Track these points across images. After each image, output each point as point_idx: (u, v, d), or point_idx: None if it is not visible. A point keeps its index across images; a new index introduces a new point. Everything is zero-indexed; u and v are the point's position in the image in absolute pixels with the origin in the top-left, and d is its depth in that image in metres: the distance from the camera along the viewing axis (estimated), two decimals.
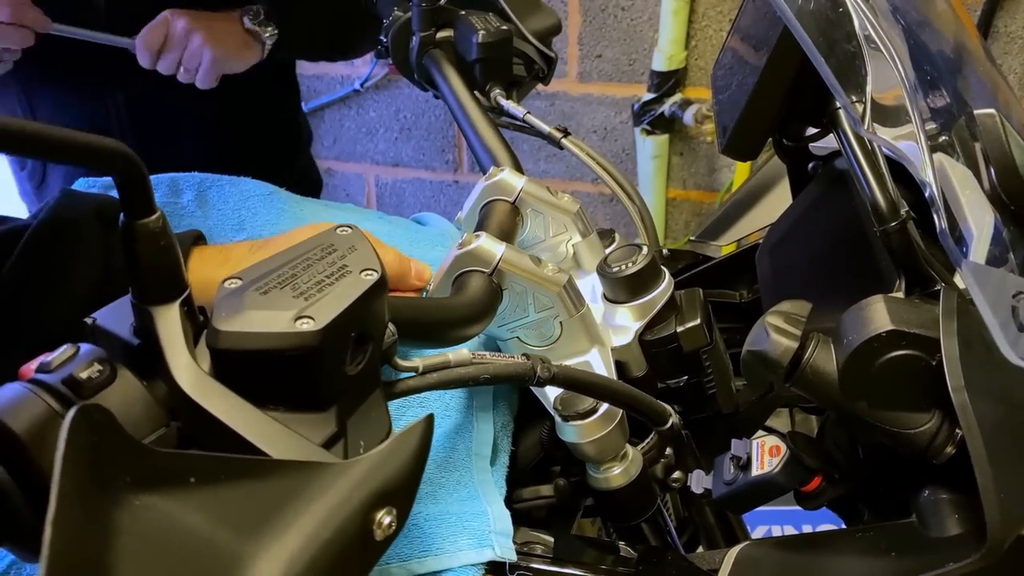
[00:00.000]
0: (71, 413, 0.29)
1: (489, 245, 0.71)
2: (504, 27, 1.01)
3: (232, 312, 0.44)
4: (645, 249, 0.80)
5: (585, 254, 0.86)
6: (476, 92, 1.00)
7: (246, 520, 0.33)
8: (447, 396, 0.81)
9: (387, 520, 0.37)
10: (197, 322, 0.45)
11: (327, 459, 0.41)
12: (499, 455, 0.80)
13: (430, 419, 0.40)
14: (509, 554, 0.68)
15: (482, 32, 0.99)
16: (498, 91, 1.01)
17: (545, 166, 2.32)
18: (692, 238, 1.09)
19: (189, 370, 0.42)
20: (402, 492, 0.38)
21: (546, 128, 0.99)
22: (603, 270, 0.80)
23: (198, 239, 0.81)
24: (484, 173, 0.84)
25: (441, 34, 1.03)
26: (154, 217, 0.41)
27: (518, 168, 0.86)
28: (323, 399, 0.45)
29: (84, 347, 0.43)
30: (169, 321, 0.42)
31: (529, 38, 1.05)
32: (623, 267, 0.79)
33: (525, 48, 1.05)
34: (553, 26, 1.10)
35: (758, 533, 1.69)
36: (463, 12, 1.03)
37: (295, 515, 0.34)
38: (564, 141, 0.98)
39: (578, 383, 0.67)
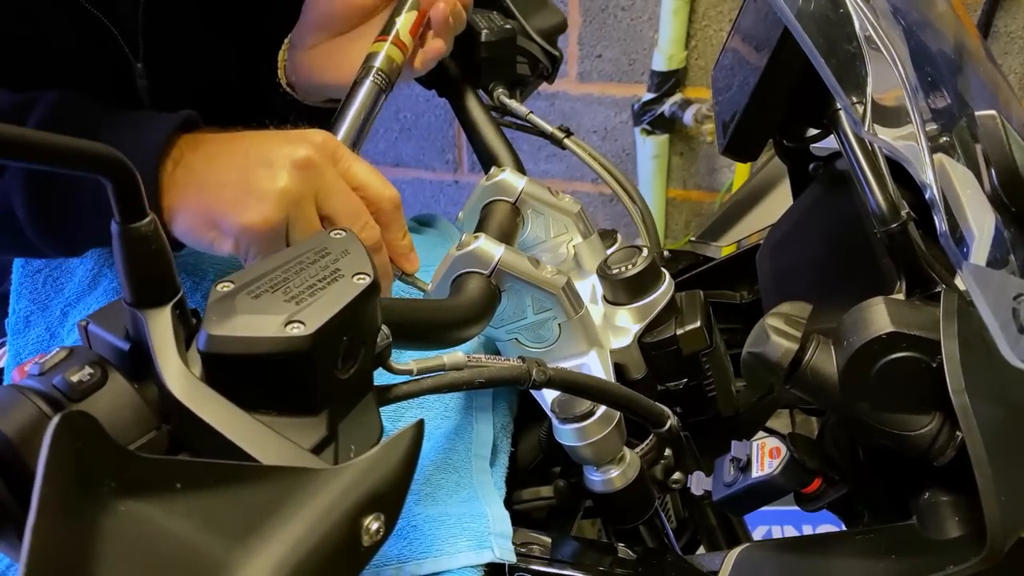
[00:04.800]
0: (54, 421, 0.29)
1: (488, 247, 0.71)
2: (508, 26, 1.00)
3: (223, 316, 0.44)
4: (645, 251, 0.79)
5: (586, 255, 0.86)
6: (479, 91, 1.00)
7: (232, 526, 0.33)
8: (446, 397, 0.81)
9: (375, 526, 0.37)
10: (190, 325, 0.45)
11: (315, 465, 0.41)
12: (499, 456, 0.80)
13: (420, 424, 0.40)
14: (509, 556, 0.68)
15: (485, 31, 0.98)
16: (501, 90, 1.01)
17: (545, 166, 2.32)
18: (692, 239, 1.09)
19: (179, 374, 0.42)
20: (391, 498, 0.38)
21: (549, 128, 0.99)
22: (603, 272, 0.80)
23: (189, 122, 0.72)
24: (486, 173, 0.84)
25: None
26: (146, 221, 0.41)
27: (520, 168, 0.86)
28: (314, 403, 0.45)
29: (77, 350, 0.43)
30: (160, 325, 0.42)
31: (534, 36, 1.04)
32: (623, 269, 0.78)
33: (529, 47, 1.04)
34: (558, 24, 1.09)
35: (758, 533, 1.68)
36: None
37: (282, 521, 0.34)
38: (567, 141, 0.98)
39: (574, 385, 0.67)
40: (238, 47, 0.99)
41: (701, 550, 0.97)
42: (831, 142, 0.84)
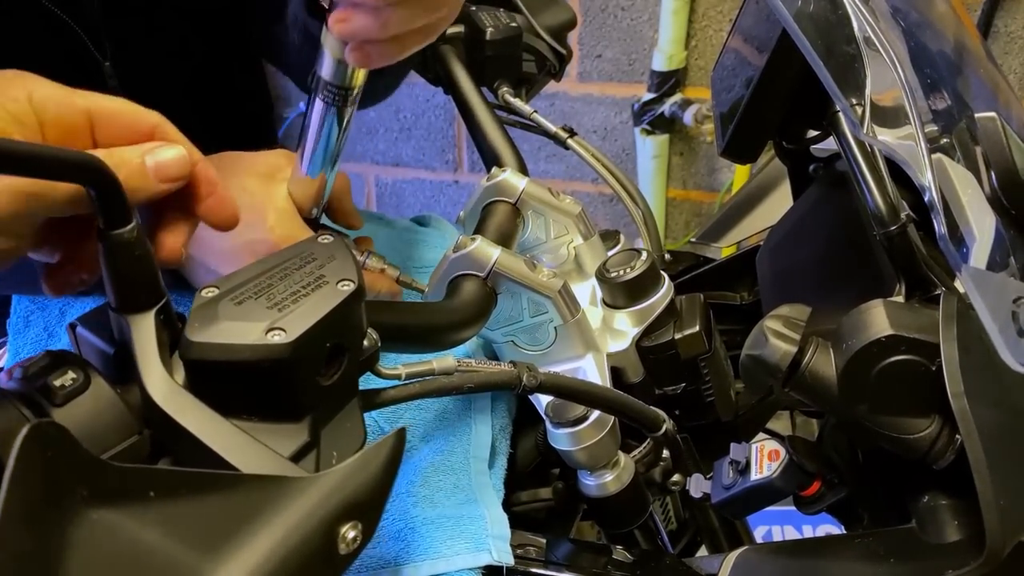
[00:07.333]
0: (22, 432, 0.29)
1: (484, 249, 0.70)
2: (513, 24, 0.99)
3: (205, 323, 0.44)
4: (645, 254, 0.79)
5: (586, 257, 0.85)
6: (484, 89, 0.99)
7: (206, 535, 0.33)
8: (445, 399, 0.81)
9: (352, 534, 0.37)
10: (175, 330, 0.45)
11: (293, 472, 0.41)
12: (497, 458, 0.80)
13: (401, 432, 0.40)
14: (506, 558, 0.68)
15: (490, 29, 0.97)
16: (506, 89, 1.00)
17: (546, 166, 2.32)
18: (693, 240, 1.08)
19: (161, 380, 0.42)
20: (369, 506, 0.38)
21: (552, 128, 0.98)
22: (601, 274, 0.79)
23: None
24: (488, 172, 0.83)
25: (451, 30, 1.02)
26: (129, 227, 0.41)
27: (523, 168, 0.85)
28: (296, 410, 0.45)
29: (61, 354, 0.43)
30: (144, 330, 0.42)
31: (541, 33, 1.04)
32: (622, 272, 0.78)
33: (536, 44, 1.03)
34: (568, 21, 1.08)
35: (758, 533, 1.68)
36: (473, 8, 1.01)
37: (256, 530, 0.34)
38: (570, 141, 0.97)
39: (566, 390, 0.66)
40: (204, 40, 0.98)
41: (702, 551, 0.97)
42: (831, 143, 0.83)
